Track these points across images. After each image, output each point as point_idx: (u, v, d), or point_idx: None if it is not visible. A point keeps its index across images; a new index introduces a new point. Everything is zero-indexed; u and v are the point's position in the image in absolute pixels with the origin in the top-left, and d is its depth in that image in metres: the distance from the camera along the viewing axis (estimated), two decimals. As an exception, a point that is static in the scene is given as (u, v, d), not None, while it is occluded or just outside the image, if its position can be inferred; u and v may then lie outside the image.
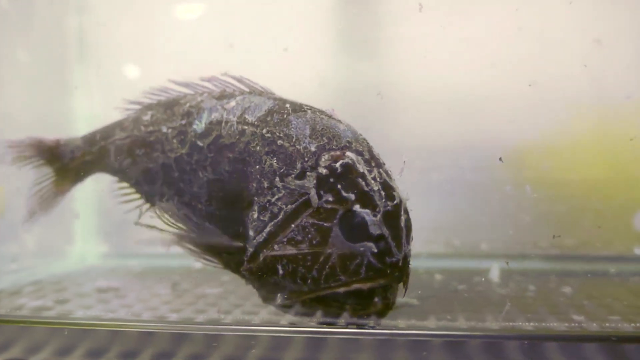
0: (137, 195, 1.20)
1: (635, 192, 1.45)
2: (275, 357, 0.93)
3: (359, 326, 0.95)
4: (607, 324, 0.99)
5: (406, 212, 0.94)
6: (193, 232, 1.04)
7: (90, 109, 1.63)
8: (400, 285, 0.95)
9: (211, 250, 1.05)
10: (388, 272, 0.91)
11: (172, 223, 1.05)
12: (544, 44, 1.46)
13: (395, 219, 0.92)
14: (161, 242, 1.04)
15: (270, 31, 1.49)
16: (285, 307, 0.99)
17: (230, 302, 1.20)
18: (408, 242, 0.93)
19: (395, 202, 0.92)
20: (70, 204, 1.60)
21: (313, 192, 0.93)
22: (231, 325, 0.97)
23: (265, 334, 0.94)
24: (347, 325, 0.95)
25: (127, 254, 1.64)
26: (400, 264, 0.91)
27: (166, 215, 1.09)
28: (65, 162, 1.25)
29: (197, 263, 1.51)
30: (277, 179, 0.96)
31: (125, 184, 1.21)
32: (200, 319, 1.07)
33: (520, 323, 1.01)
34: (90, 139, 1.23)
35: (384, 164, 0.97)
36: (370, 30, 1.56)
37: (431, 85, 1.51)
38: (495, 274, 1.33)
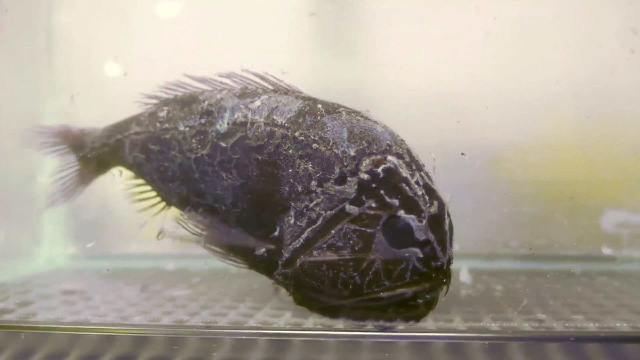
0: (153, 193, 1.17)
1: (603, 193, 1.47)
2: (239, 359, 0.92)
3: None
4: (571, 324, 0.99)
5: (448, 214, 0.93)
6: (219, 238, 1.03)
7: (60, 107, 1.60)
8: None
9: (237, 251, 1.04)
10: (433, 275, 0.90)
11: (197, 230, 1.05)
12: (517, 45, 1.47)
13: (440, 223, 0.91)
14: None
15: (249, 31, 1.48)
16: (323, 312, 0.99)
17: (199, 304, 1.19)
18: (451, 245, 0.93)
19: (439, 206, 0.92)
20: (37, 204, 1.58)
21: (358, 202, 0.91)
22: (194, 328, 0.96)
23: (228, 337, 0.93)
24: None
25: (96, 256, 1.61)
26: (444, 267, 0.91)
27: (190, 223, 1.07)
28: (85, 152, 1.24)
29: (169, 265, 1.52)
30: (314, 183, 0.94)
31: (140, 181, 1.18)
32: (165, 321, 1.06)
33: (485, 323, 1.01)
34: (110, 131, 1.21)
35: (424, 166, 0.96)
36: (347, 30, 1.56)
37: (408, 85, 1.52)
38: (464, 275, 1.34)
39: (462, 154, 1.06)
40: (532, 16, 1.47)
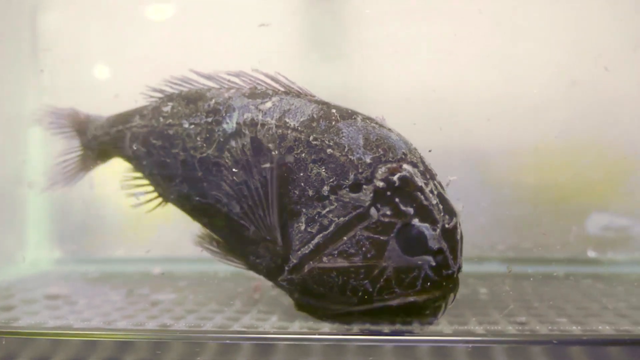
0: (150, 188, 1.16)
1: (588, 196, 1.48)
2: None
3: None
4: (555, 327, 1.00)
5: (459, 223, 0.94)
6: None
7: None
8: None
9: (235, 253, 1.04)
10: (444, 284, 0.91)
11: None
12: (507, 50, 1.48)
13: (453, 232, 0.91)
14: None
15: (236, 32, 1.47)
16: (328, 320, 0.98)
17: (185, 308, 1.18)
18: (461, 254, 0.93)
19: (452, 215, 0.92)
20: (23, 207, 1.56)
21: (373, 209, 0.91)
22: (178, 332, 0.95)
23: (212, 341, 0.92)
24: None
25: (82, 260, 1.60)
26: (455, 275, 0.92)
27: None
28: (89, 139, 1.23)
29: (155, 269, 1.51)
30: (326, 188, 0.94)
31: (139, 174, 1.16)
32: (150, 325, 1.05)
33: (470, 327, 1.01)
34: (112, 121, 1.20)
35: (436, 175, 0.96)
36: (336, 32, 1.56)
37: (394, 88, 1.52)
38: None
39: (429, 151, 1.06)
40: (524, 20, 1.47)
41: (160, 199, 1.16)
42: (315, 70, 1.55)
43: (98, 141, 1.22)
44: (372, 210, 0.91)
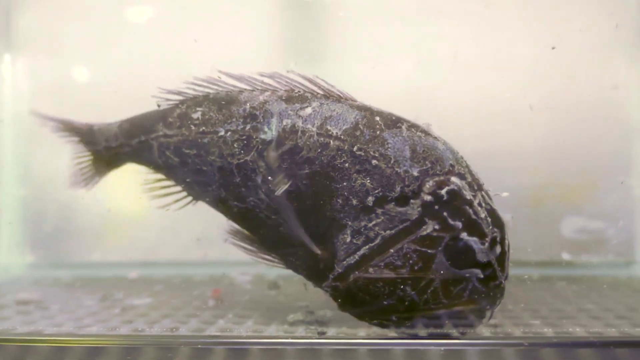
0: (177, 188, 1.11)
1: (563, 199, 1.49)
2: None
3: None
4: (528, 329, 1.01)
5: (507, 234, 0.93)
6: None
7: (21, 113, 1.56)
8: None
9: (272, 252, 1.02)
10: (491, 294, 0.91)
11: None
12: (485, 53, 1.49)
13: (501, 244, 0.91)
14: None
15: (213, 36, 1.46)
16: (372, 322, 0.97)
17: (161, 313, 1.17)
18: (509, 263, 0.93)
19: (500, 227, 0.92)
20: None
21: (421, 223, 0.90)
22: (150, 337, 0.94)
23: (184, 346, 0.91)
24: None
25: (55, 265, 1.57)
26: (502, 285, 0.92)
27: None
28: (99, 149, 1.18)
29: (131, 273, 1.49)
30: (371, 199, 0.92)
31: (165, 178, 1.12)
32: (124, 330, 1.03)
33: (445, 329, 1.01)
34: (129, 131, 1.14)
35: (483, 184, 0.95)
36: (314, 35, 1.56)
37: (373, 91, 1.52)
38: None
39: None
40: (503, 25, 1.49)
41: (190, 198, 1.12)
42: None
43: (113, 152, 1.17)
44: (420, 224, 0.90)
